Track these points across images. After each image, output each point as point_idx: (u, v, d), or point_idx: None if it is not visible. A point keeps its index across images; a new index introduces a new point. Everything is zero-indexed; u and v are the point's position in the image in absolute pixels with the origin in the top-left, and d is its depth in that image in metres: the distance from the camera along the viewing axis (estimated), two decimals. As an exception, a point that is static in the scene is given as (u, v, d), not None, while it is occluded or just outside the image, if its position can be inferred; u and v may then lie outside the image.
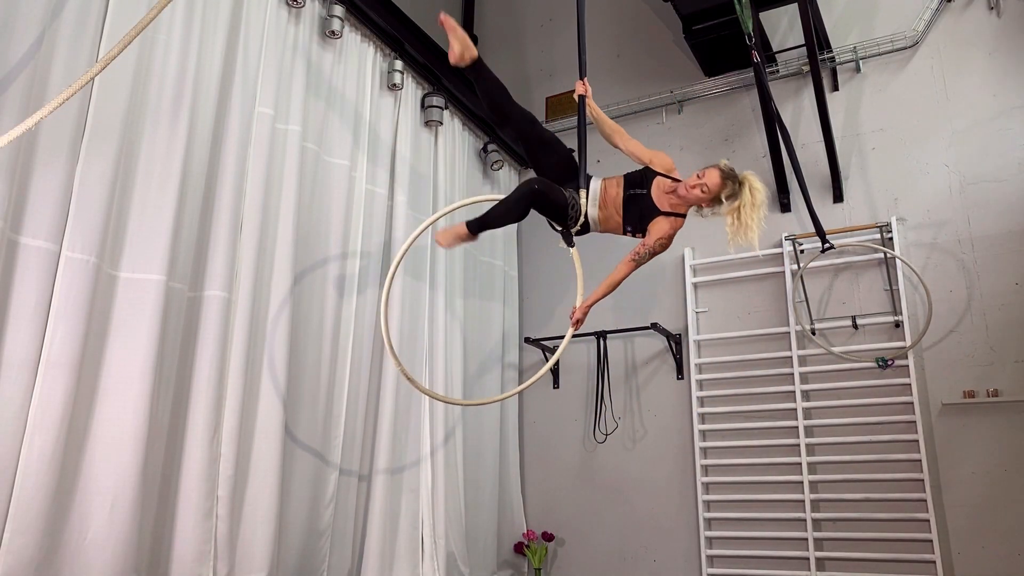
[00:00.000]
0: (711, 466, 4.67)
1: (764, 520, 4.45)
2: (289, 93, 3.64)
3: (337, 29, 3.93)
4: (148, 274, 2.83)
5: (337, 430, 3.70)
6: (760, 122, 4.89)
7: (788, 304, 4.62)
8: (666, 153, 3.19)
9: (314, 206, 3.76)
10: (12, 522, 2.36)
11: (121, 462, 2.64)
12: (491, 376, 5.06)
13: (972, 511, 4.01)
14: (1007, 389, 4.05)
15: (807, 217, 4.21)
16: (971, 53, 4.57)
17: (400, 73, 4.39)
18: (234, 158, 3.27)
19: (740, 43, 4.16)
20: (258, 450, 3.21)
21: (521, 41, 6.25)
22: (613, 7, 5.81)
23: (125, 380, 2.71)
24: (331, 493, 3.62)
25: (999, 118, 4.41)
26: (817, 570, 4.21)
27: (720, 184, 2.93)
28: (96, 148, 2.72)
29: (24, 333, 2.47)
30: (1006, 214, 4.27)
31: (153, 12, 2.40)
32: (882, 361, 4.22)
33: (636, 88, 5.50)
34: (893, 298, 4.41)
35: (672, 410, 4.92)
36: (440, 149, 4.81)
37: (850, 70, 4.89)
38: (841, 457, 4.31)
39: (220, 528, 2.97)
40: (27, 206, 2.53)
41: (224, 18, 3.33)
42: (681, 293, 5.02)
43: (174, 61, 3.07)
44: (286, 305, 3.40)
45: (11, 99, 2.49)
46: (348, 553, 3.76)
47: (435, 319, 4.47)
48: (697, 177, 2.95)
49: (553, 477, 5.19)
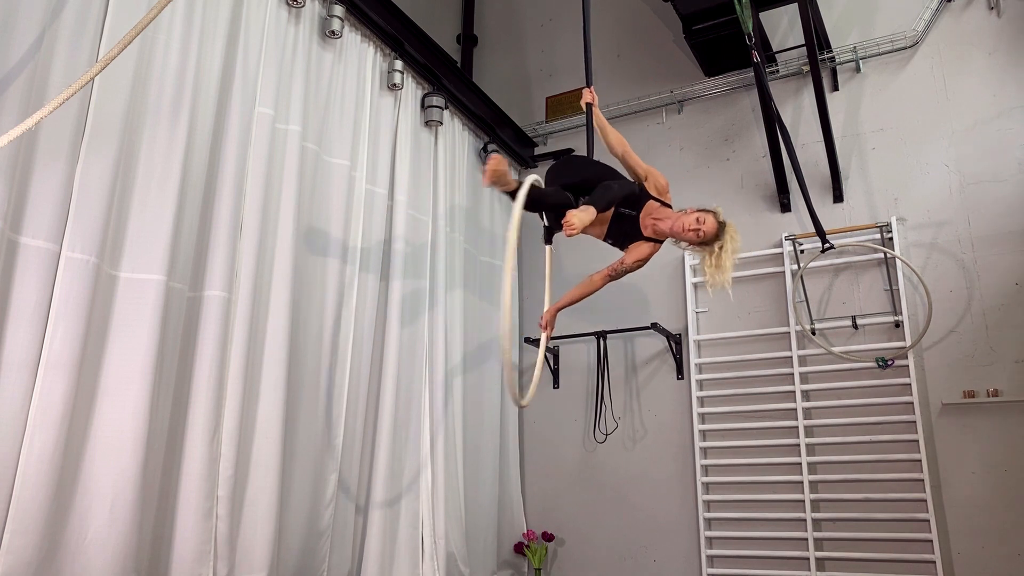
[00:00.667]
0: (711, 466, 4.67)
1: (764, 520, 4.45)
2: (289, 93, 3.64)
3: (337, 29, 3.93)
4: (148, 274, 2.83)
5: (337, 430, 3.70)
6: (760, 122, 4.89)
7: (788, 304, 4.62)
8: (661, 172, 3.25)
9: (314, 206, 3.75)
10: (12, 522, 2.35)
11: (121, 462, 2.64)
12: (491, 376, 5.05)
13: (972, 511, 4.01)
14: (1007, 389, 4.06)
15: (807, 217, 4.21)
16: (971, 53, 4.58)
17: (400, 73, 4.39)
18: (234, 158, 3.27)
19: (740, 43, 4.16)
20: (258, 450, 3.20)
21: (521, 41, 6.25)
22: (613, 7, 5.81)
23: (125, 380, 2.71)
24: (331, 493, 3.62)
25: (999, 118, 4.41)
26: (817, 570, 4.21)
27: (715, 235, 3.02)
28: (96, 148, 2.72)
29: (24, 333, 2.46)
30: (1006, 214, 4.27)
31: (153, 12, 2.41)
32: (882, 361, 4.22)
33: (636, 88, 5.50)
34: (893, 298, 4.41)
35: (672, 410, 4.92)
36: (440, 149, 4.81)
37: (850, 70, 4.89)
38: (841, 457, 4.30)
39: (220, 528, 2.97)
40: (27, 206, 2.53)
41: (224, 18, 3.33)
42: (681, 293, 5.02)
43: (174, 61, 3.07)
44: (286, 305, 3.39)
45: (11, 99, 2.48)
46: (348, 553, 3.76)
47: (435, 319, 4.47)
48: (697, 222, 3.01)
49: (553, 477, 5.19)
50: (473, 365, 4.86)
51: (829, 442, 4.36)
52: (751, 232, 4.93)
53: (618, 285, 5.09)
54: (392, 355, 4.08)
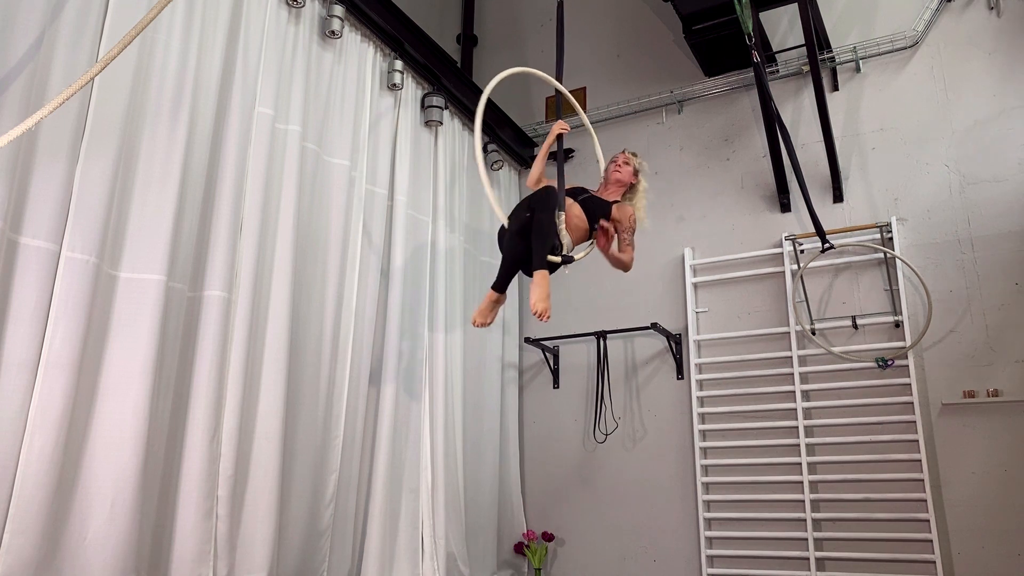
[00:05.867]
0: (711, 466, 4.67)
1: (764, 520, 4.45)
2: (289, 93, 3.64)
3: (337, 29, 3.93)
4: (148, 274, 2.83)
5: (337, 430, 3.70)
6: (760, 122, 4.89)
7: (788, 304, 4.62)
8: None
9: (314, 206, 3.75)
10: (12, 522, 2.35)
11: (121, 462, 2.64)
12: (491, 376, 5.06)
13: (972, 511, 4.01)
14: (1007, 389, 4.06)
15: (807, 217, 4.21)
16: (971, 53, 4.58)
17: (400, 73, 4.39)
18: (234, 158, 3.27)
19: (740, 43, 4.17)
20: (258, 450, 3.20)
21: (521, 41, 6.25)
22: (613, 7, 5.81)
23: (125, 380, 2.70)
24: (331, 493, 3.62)
25: (999, 118, 4.41)
26: (817, 570, 4.21)
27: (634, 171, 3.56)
28: (96, 148, 2.72)
29: (24, 333, 2.46)
30: (1006, 214, 4.27)
31: (153, 12, 2.41)
32: (882, 361, 4.22)
33: (636, 88, 5.51)
34: (893, 298, 4.41)
35: (672, 410, 4.92)
36: (440, 149, 4.81)
37: (850, 70, 4.89)
38: (841, 457, 4.31)
39: (220, 528, 2.97)
40: (27, 206, 2.53)
41: (224, 18, 3.33)
42: (681, 293, 5.02)
43: (174, 61, 3.07)
44: (286, 305, 3.39)
45: (11, 99, 2.48)
46: (348, 553, 3.76)
47: (435, 319, 4.47)
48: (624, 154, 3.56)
49: (553, 477, 5.19)
50: (473, 365, 4.86)
51: (829, 442, 4.36)
52: (751, 232, 4.94)
53: (618, 285, 5.12)
54: (392, 355, 4.08)
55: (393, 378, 4.04)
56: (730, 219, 5.03)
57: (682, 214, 5.18)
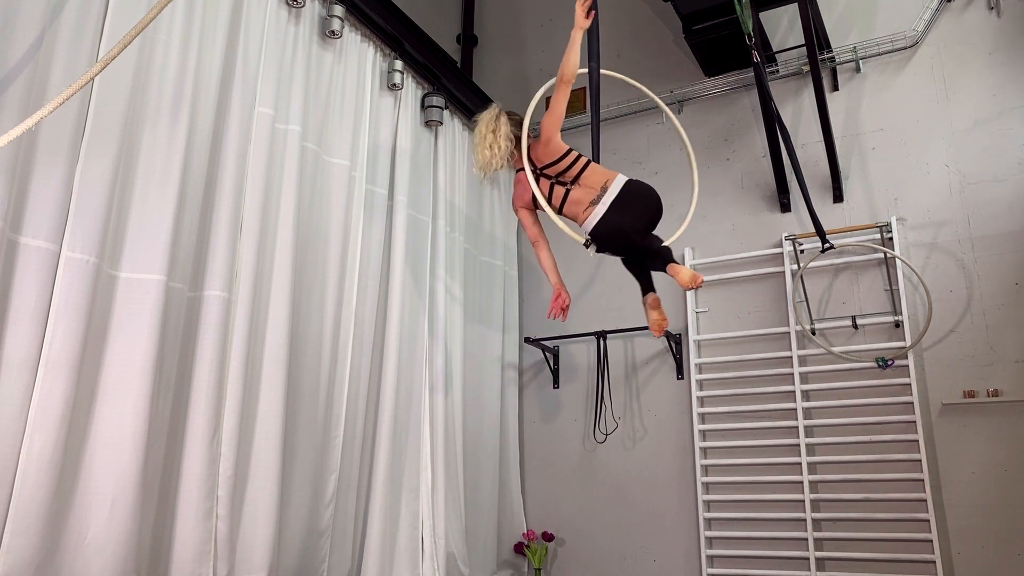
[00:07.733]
0: (711, 466, 4.67)
1: (764, 520, 4.45)
2: (289, 93, 3.64)
3: (337, 29, 3.93)
4: (148, 274, 2.83)
5: (337, 430, 3.70)
6: (760, 122, 4.89)
7: (788, 304, 4.62)
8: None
9: (314, 206, 3.75)
10: (12, 522, 2.35)
11: (121, 462, 2.63)
12: (491, 376, 5.06)
13: (972, 511, 4.01)
14: (1007, 389, 4.06)
15: (807, 217, 4.21)
16: (971, 53, 4.58)
17: (400, 73, 4.39)
18: (234, 158, 3.27)
19: (740, 43, 4.16)
20: (258, 450, 3.20)
21: (521, 41, 6.25)
22: (613, 7, 5.81)
23: (125, 380, 2.70)
24: (331, 493, 3.62)
25: (999, 118, 4.41)
26: (817, 570, 4.22)
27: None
28: (96, 148, 2.72)
29: (24, 333, 2.46)
30: (1006, 214, 4.27)
31: (153, 12, 2.41)
32: (882, 361, 4.22)
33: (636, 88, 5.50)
34: (893, 298, 4.41)
35: (672, 410, 4.92)
36: (440, 149, 4.81)
37: (850, 70, 4.89)
38: (841, 457, 4.31)
39: (220, 528, 2.97)
40: (27, 206, 2.53)
41: (224, 18, 3.33)
42: (681, 293, 5.02)
43: (174, 61, 3.07)
44: (286, 305, 3.39)
45: (11, 99, 2.48)
46: (348, 553, 3.76)
47: (435, 319, 4.47)
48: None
49: (553, 477, 5.19)
50: (473, 365, 4.86)
51: (829, 442, 4.36)
52: (751, 232, 4.94)
53: (618, 285, 5.12)
54: (392, 355, 4.08)
55: (393, 378, 4.04)
56: (730, 219, 5.03)
57: (682, 214, 5.17)
